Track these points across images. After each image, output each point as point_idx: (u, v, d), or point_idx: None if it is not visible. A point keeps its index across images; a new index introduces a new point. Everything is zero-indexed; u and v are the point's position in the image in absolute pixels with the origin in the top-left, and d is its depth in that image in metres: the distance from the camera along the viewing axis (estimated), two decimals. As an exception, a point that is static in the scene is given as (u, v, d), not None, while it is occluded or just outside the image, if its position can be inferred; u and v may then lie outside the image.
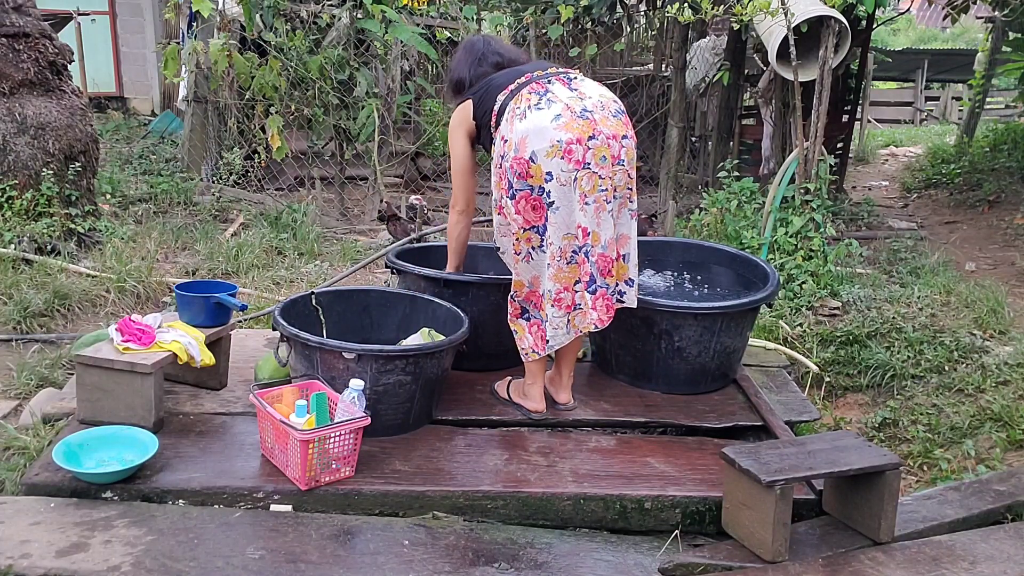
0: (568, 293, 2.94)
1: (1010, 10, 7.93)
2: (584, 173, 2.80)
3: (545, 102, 2.84)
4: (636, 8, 9.55)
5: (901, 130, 14.77)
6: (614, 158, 2.85)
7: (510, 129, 2.86)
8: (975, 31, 18.88)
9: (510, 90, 2.94)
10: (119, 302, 4.32)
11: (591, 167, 2.81)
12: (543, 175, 2.79)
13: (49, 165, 4.91)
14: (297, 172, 7.39)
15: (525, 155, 2.79)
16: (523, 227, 2.89)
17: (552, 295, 2.92)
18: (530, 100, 2.86)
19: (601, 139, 2.82)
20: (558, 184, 2.80)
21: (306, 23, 6.80)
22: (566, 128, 2.78)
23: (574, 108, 2.82)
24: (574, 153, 2.78)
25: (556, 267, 2.89)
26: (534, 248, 2.91)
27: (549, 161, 2.78)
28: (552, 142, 2.77)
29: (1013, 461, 3.25)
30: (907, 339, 4.18)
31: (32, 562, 2.27)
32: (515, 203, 2.86)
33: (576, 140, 2.78)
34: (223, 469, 2.71)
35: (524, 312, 3.06)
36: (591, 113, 2.83)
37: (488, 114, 2.98)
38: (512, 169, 2.82)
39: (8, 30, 4.85)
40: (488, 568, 2.40)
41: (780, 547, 2.41)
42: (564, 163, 2.78)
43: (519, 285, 3.01)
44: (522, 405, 3.17)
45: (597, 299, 2.92)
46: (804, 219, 5.09)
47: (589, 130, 2.80)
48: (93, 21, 10.01)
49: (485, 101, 3.00)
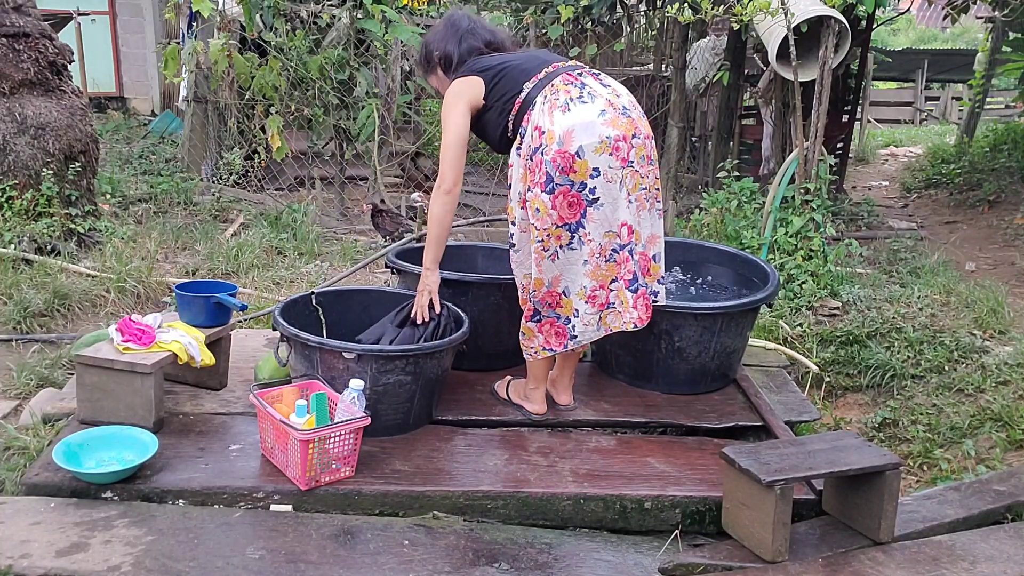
0: (603, 291, 2.91)
1: (1010, 10, 7.93)
2: (628, 171, 2.80)
3: (588, 95, 2.79)
4: (636, 8, 9.56)
5: (901, 130, 14.77)
6: (648, 158, 2.87)
7: (549, 120, 2.75)
8: (975, 31, 18.89)
9: (538, 79, 2.83)
10: (119, 302, 4.32)
11: (634, 165, 2.81)
12: (589, 170, 2.74)
13: (49, 165, 4.91)
14: (297, 172, 7.39)
15: (571, 149, 2.72)
16: (556, 223, 2.79)
17: (587, 291, 2.89)
18: (569, 92, 2.79)
19: (641, 138, 2.83)
20: (604, 180, 2.77)
21: (306, 23, 6.80)
22: (613, 124, 2.76)
23: (616, 105, 2.80)
24: (621, 150, 2.77)
25: (594, 264, 2.85)
26: (562, 247, 2.83)
27: (597, 157, 2.74)
28: (601, 138, 2.73)
29: (1013, 461, 3.25)
30: (907, 339, 4.18)
31: (32, 562, 2.27)
32: (552, 198, 2.76)
33: (623, 137, 2.76)
34: (223, 469, 2.71)
35: (536, 314, 2.97)
36: (629, 111, 2.83)
37: (510, 100, 2.85)
38: (554, 163, 2.73)
39: (8, 30, 4.86)
40: (488, 568, 2.40)
41: (780, 547, 2.41)
42: (612, 159, 2.76)
43: (539, 284, 2.90)
44: (522, 406, 3.17)
45: (638, 298, 2.92)
46: (804, 219, 5.09)
47: (632, 128, 2.80)
48: (93, 21, 10.02)
49: (504, 85, 2.86)
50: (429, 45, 3.06)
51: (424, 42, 3.12)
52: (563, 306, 2.93)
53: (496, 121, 2.91)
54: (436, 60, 3.04)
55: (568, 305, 2.92)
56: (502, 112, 2.88)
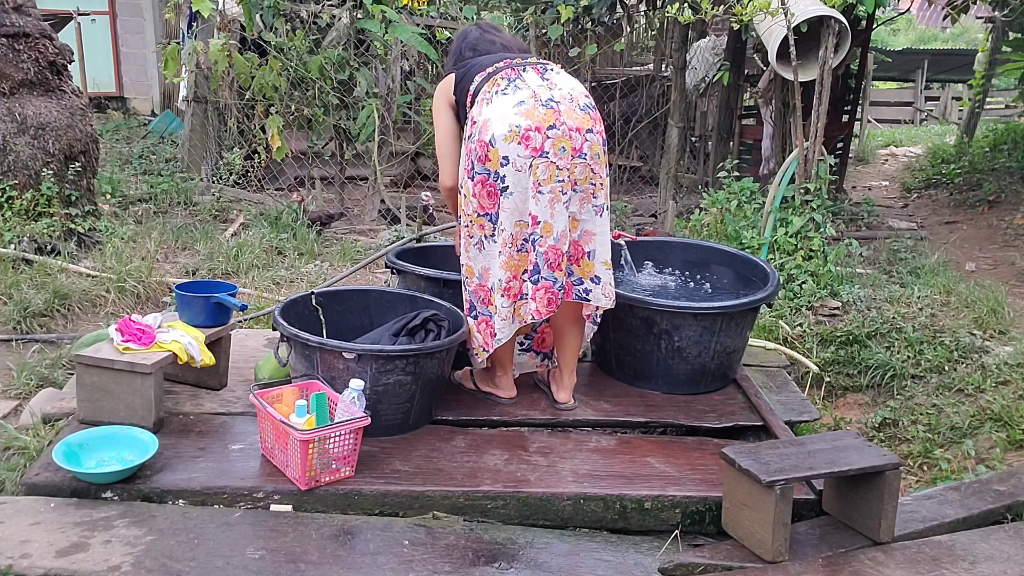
0: (516, 282, 2.93)
1: (1010, 10, 7.93)
2: (541, 161, 2.79)
3: (512, 88, 2.86)
4: (636, 8, 9.55)
5: (901, 130, 14.76)
6: (575, 150, 2.83)
7: (479, 112, 2.88)
8: (975, 31, 18.89)
9: (487, 72, 2.94)
10: (119, 302, 4.32)
11: (548, 155, 2.80)
12: (500, 159, 2.80)
13: (49, 165, 4.91)
14: (297, 172, 7.39)
15: (486, 138, 2.80)
16: (477, 212, 2.89)
17: (502, 284, 2.91)
18: (499, 85, 2.88)
19: (563, 129, 2.81)
20: (513, 169, 2.80)
21: (306, 23, 6.79)
22: (527, 115, 2.79)
23: (539, 96, 2.83)
24: (532, 140, 2.78)
25: (507, 254, 2.88)
26: (486, 237, 2.90)
27: (507, 145, 2.78)
28: (511, 127, 2.78)
29: (1013, 461, 3.25)
30: (907, 339, 4.18)
31: (32, 562, 2.27)
32: (473, 185, 2.86)
33: (535, 128, 2.78)
34: (223, 469, 2.71)
35: (472, 309, 3.02)
36: (557, 104, 2.83)
37: (465, 93, 2.99)
38: (474, 152, 2.84)
39: (8, 30, 4.86)
40: (488, 568, 2.40)
41: (780, 547, 2.41)
42: (521, 148, 2.78)
43: (469, 272, 2.99)
44: (492, 393, 3.19)
45: (538, 290, 2.90)
46: (804, 219, 5.09)
47: (551, 119, 2.80)
48: (93, 21, 10.01)
49: (464, 80, 3.01)
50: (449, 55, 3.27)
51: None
52: (492, 303, 2.96)
53: (463, 115, 3.03)
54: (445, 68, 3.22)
55: (494, 302, 2.95)
56: (463, 105, 3.01)
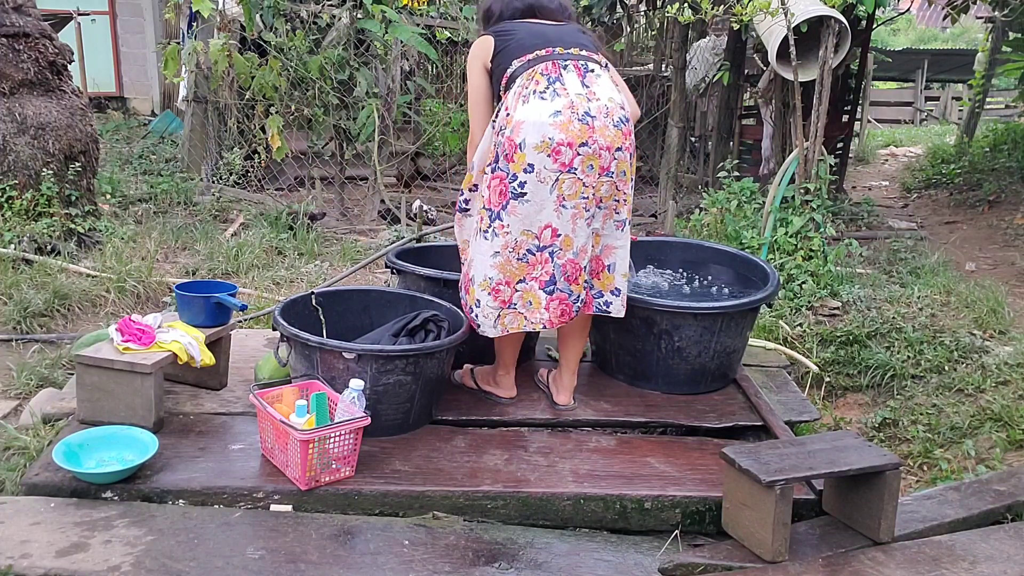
0: (508, 288, 2.88)
1: (1010, 10, 7.93)
2: (568, 177, 2.76)
3: (551, 92, 2.77)
4: (636, 8, 9.55)
5: (901, 130, 14.77)
6: (603, 169, 2.80)
7: (513, 106, 2.79)
8: (975, 31, 18.89)
9: (527, 60, 2.83)
10: (119, 302, 4.32)
11: (576, 172, 2.76)
12: (525, 164, 2.75)
13: (49, 165, 4.91)
14: (297, 172, 7.39)
15: (516, 140, 2.75)
16: (483, 205, 2.86)
17: (492, 284, 2.88)
18: (538, 84, 2.78)
19: (594, 148, 2.76)
20: (536, 179, 2.76)
21: (306, 23, 6.79)
22: (561, 128, 2.73)
23: (577, 109, 2.75)
24: (562, 155, 2.74)
25: (504, 258, 2.85)
26: (482, 230, 2.87)
27: (535, 154, 2.74)
28: (544, 138, 2.72)
29: (1013, 461, 3.25)
30: (907, 339, 4.18)
31: (32, 562, 2.27)
32: (491, 177, 2.82)
33: (567, 143, 2.73)
34: (223, 469, 2.71)
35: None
36: (592, 119, 2.76)
37: (502, 73, 2.88)
38: (502, 147, 2.79)
39: (8, 30, 4.86)
40: (488, 568, 2.40)
41: (780, 547, 2.41)
42: (549, 161, 2.74)
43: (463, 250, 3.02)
44: (492, 393, 3.19)
45: (552, 300, 2.88)
46: (804, 219, 5.09)
47: (584, 136, 2.74)
48: (93, 21, 10.02)
49: (503, 55, 2.89)
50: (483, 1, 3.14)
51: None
52: (469, 293, 2.95)
53: (495, 86, 2.96)
54: (482, 12, 3.11)
55: (472, 293, 2.93)
56: (497, 81, 2.94)
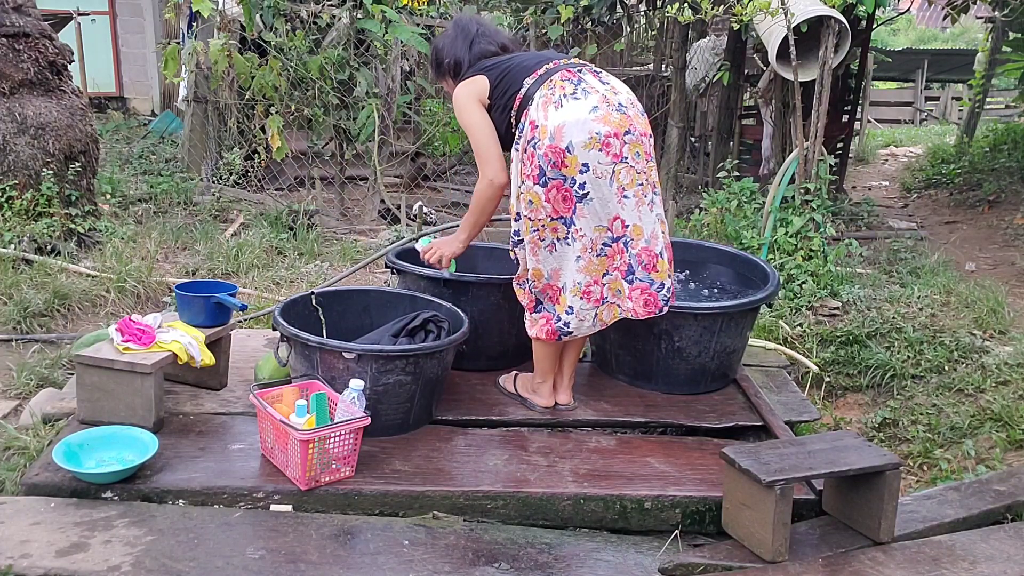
0: (597, 287, 2.92)
1: (1010, 10, 7.93)
2: (623, 167, 2.80)
3: (581, 92, 2.80)
4: (636, 8, 9.55)
5: (901, 130, 14.77)
6: (647, 155, 2.87)
7: (543, 116, 2.79)
8: (975, 31, 18.90)
9: (538, 75, 2.86)
10: (119, 302, 4.32)
11: (628, 161, 2.81)
12: (578, 166, 2.76)
13: (49, 165, 4.91)
14: (297, 172, 7.39)
15: (561, 144, 2.75)
16: (551, 216, 2.83)
17: (582, 287, 2.90)
18: (564, 88, 2.80)
19: (636, 135, 2.82)
20: (594, 176, 2.78)
21: (306, 23, 6.79)
22: (604, 121, 2.76)
23: (611, 101, 2.81)
24: (612, 146, 2.77)
25: (587, 259, 2.88)
26: (559, 239, 2.87)
27: (587, 153, 2.75)
28: (591, 134, 2.75)
29: (1013, 461, 3.25)
30: (907, 339, 4.18)
31: (32, 562, 2.27)
32: (546, 191, 2.80)
33: (614, 134, 2.77)
34: (223, 469, 2.70)
35: (538, 304, 3.00)
36: (626, 109, 2.83)
37: (511, 98, 2.88)
38: (546, 157, 2.76)
39: (8, 30, 4.86)
40: (488, 568, 2.40)
41: (780, 547, 2.41)
42: (602, 155, 2.77)
43: (538, 274, 2.93)
44: (529, 399, 3.19)
45: (634, 290, 2.92)
46: (804, 219, 5.09)
47: (626, 125, 2.80)
48: (93, 21, 10.02)
49: (506, 82, 2.89)
50: (440, 51, 3.11)
51: (434, 48, 3.16)
52: (559, 302, 2.95)
53: (499, 119, 2.93)
54: (447, 66, 3.08)
55: (563, 302, 2.94)
56: (504, 109, 2.91)
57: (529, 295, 3.00)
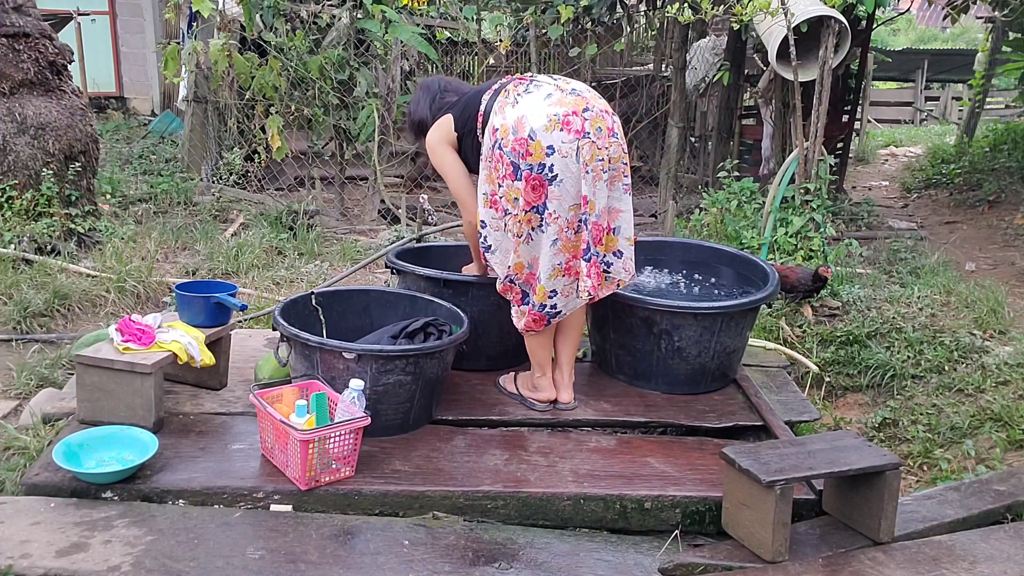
0: (576, 261, 2.96)
1: (1010, 10, 7.93)
2: (585, 142, 2.83)
3: (533, 87, 2.95)
4: (636, 8, 9.56)
5: (901, 130, 14.77)
6: (609, 130, 2.91)
7: (502, 117, 2.91)
8: (975, 31, 18.90)
9: (493, 90, 3.04)
10: (119, 302, 4.32)
11: (590, 136, 2.84)
12: (544, 149, 2.82)
13: (49, 165, 4.91)
14: (297, 172, 7.39)
15: (523, 134, 2.83)
16: (525, 208, 2.89)
17: (562, 266, 2.94)
18: (517, 89, 2.96)
19: (595, 111, 2.89)
20: (560, 156, 2.82)
21: (306, 23, 6.79)
22: (559, 103, 2.86)
23: (563, 88, 2.92)
24: (572, 124, 2.83)
25: (564, 239, 2.91)
26: (534, 229, 2.92)
27: (548, 135, 2.81)
28: (549, 117, 2.83)
29: (1013, 461, 3.25)
30: (907, 339, 4.18)
31: (32, 562, 2.27)
32: (524, 184, 2.86)
33: (572, 112, 2.84)
34: (223, 469, 2.71)
35: (525, 297, 3.06)
36: (580, 92, 2.93)
37: (473, 119, 3.05)
38: (514, 151, 2.85)
39: (8, 30, 4.86)
40: (488, 568, 2.40)
41: (780, 547, 2.41)
42: (564, 135, 2.82)
43: (519, 267, 2.99)
44: (529, 398, 3.20)
45: (591, 267, 2.93)
46: (804, 219, 5.09)
47: (583, 103, 2.88)
48: (93, 21, 10.02)
49: (468, 108, 3.08)
50: (409, 115, 3.33)
51: (406, 114, 3.38)
52: (536, 292, 2.98)
53: (470, 144, 3.09)
54: (414, 126, 3.29)
55: (541, 291, 2.97)
56: (471, 132, 3.07)
57: (516, 290, 3.06)
